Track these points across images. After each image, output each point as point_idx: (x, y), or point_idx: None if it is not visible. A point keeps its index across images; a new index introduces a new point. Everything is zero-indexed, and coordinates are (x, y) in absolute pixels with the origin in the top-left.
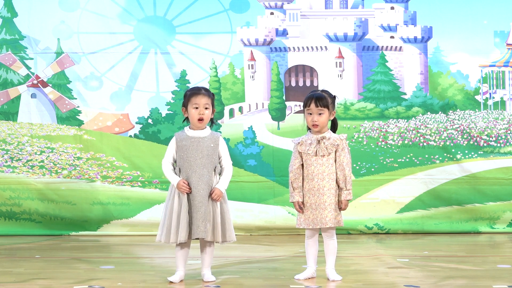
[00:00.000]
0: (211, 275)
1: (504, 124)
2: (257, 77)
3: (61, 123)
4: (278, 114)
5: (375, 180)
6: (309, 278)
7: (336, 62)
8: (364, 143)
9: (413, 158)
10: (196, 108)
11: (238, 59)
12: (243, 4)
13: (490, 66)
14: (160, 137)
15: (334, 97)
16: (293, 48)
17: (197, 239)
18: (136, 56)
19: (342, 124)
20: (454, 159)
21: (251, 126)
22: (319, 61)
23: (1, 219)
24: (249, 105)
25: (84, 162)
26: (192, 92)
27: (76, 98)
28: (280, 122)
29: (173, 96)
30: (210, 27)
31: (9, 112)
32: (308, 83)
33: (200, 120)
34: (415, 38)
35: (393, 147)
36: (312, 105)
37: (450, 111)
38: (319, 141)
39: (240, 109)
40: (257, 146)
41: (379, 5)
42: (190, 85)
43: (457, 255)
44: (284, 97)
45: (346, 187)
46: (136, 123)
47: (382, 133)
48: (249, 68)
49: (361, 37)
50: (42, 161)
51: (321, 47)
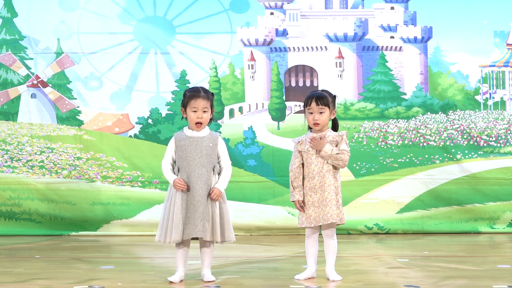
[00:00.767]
0: (211, 275)
1: (504, 124)
2: (257, 77)
3: (61, 123)
4: (278, 114)
5: (375, 180)
6: (309, 278)
7: (336, 62)
8: (364, 143)
9: (413, 158)
10: (195, 111)
11: (238, 59)
12: (243, 4)
13: (490, 66)
14: (160, 137)
15: (335, 96)
16: (293, 48)
17: (196, 239)
18: (136, 56)
19: (342, 124)
20: (454, 159)
21: (251, 126)
22: (319, 61)
23: (1, 219)
24: (249, 105)
25: (84, 162)
26: (191, 94)
27: (76, 98)
28: (280, 122)
29: (173, 96)
30: (210, 27)
31: (9, 112)
32: (308, 83)
33: (198, 124)
34: (415, 38)
35: (393, 147)
36: (313, 104)
37: (450, 111)
38: (320, 138)
39: (240, 109)
40: (257, 146)
41: (379, 5)
42: (190, 85)
43: (457, 255)
44: (284, 97)
45: (337, 151)
46: (136, 123)
47: (382, 133)
48: (249, 68)
49: (361, 37)
50: (42, 161)
51: (321, 47)
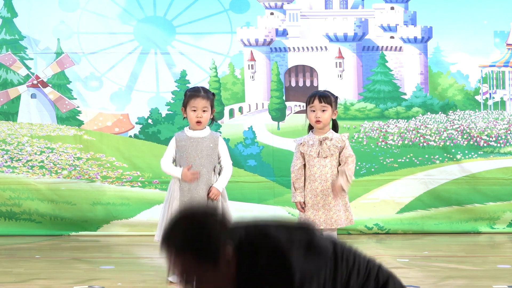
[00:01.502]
0: None
1: (504, 124)
2: (257, 77)
3: (61, 123)
4: (278, 114)
5: (375, 180)
6: None
7: (336, 62)
8: (364, 143)
9: (413, 158)
10: (194, 110)
11: (238, 59)
12: (243, 4)
13: (490, 66)
14: (160, 137)
15: (337, 97)
16: (293, 48)
17: None
18: (136, 56)
19: (342, 124)
20: (454, 159)
21: (251, 126)
22: (319, 61)
23: (1, 219)
24: (249, 105)
25: (84, 162)
26: (191, 94)
27: (76, 98)
28: (280, 122)
29: (173, 96)
30: (210, 27)
31: (9, 112)
32: (308, 83)
33: (198, 123)
34: (415, 38)
35: (393, 147)
36: (316, 102)
37: (450, 111)
38: (321, 142)
39: (240, 109)
40: (257, 146)
41: (379, 5)
42: (190, 85)
43: (457, 255)
44: (284, 97)
45: (347, 177)
46: (136, 123)
47: (382, 133)
48: (249, 68)
49: (361, 37)
50: (42, 161)
51: (321, 47)
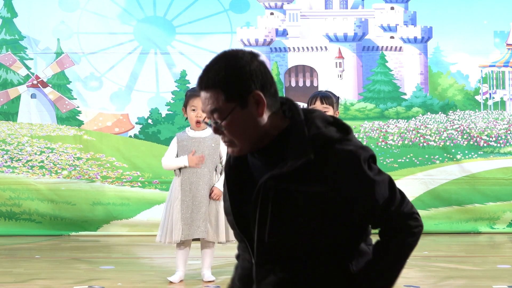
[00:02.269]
0: (211, 275)
1: (504, 124)
2: None
3: (61, 123)
4: None
5: None
6: None
7: (336, 62)
8: (364, 143)
9: (413, 159)
10: (194, 110)
11: None
12: (243, 4)
13: (490, 66)
14: (160, 137)
15: (338, 98)
16: (293, 48)
17: (198, 239)
18: (136, 57)
19: None
20: (454, 159)
21: None
22: (319, 61)
23: (1, 219)
24: None
25: (84, 163)
26: (191, 93)
27: (76, 99)
28: None
29: (173, 96)
30: (210, 27)
31: (9, 112)
32: (308, 83)
33: (198, 123)
34: (415, 38)
35: (393, 147)
36: (318, 103)
37: (450, 111)
38: None
39: None
40: None
41: (379, 5)
42: (190, 85)
43: (457, 255)
44: None
45: None
46: (136, 123)
47: (382, 133)
48: None
49: (361, 37)
50: (42, 161)
51: (321, 47)
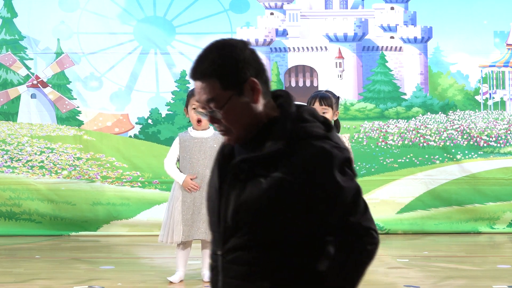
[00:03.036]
0: None
1: (504, 124)
2: None
3: (61, 123)
4: None
5: (375, 181)
6: None
7: (336, 62)
8: (364, 143)
9: (413, 159)
10: (194, 109)
11: None
12: (243, 4)
13: (490, 66)
14: (160, 137)
15: (338, 97)
16: (293, 48)
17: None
18: (136, 57)
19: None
20: (454, 159)
21: None
22: (319, 61)
23: (1, 219)
24: None
25: (84, 163)
26: (192, 93)
27: (76, 99)
28: None
29: (173, 96)
30: (210, 27)
31: (9, 113)
32: (308, 83)
33: (199, 121)
34: (415, 38)
35: (393, 148)
36: (316, 104)
37: (450, 112)
38: None
39: None
40: None
41: (379, 5)
42: (190, 86)
43: (457, 255)
44: None
45: None
46: (136, 123)
47: (382, 134)
48: None
49: (361, 37)
50: (42, 161)
51: (321, 47)
